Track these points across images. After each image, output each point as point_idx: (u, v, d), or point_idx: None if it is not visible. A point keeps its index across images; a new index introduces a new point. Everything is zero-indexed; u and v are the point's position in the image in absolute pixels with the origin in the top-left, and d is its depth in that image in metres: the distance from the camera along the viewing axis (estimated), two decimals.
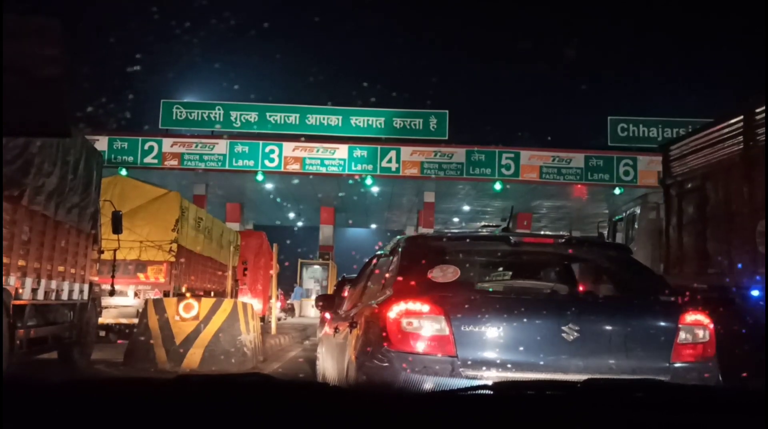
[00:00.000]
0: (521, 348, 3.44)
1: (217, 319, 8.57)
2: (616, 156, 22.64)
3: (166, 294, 11.31)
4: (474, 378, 3.27)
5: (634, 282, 4.25)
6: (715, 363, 3.69)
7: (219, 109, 22.72)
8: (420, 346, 3.44)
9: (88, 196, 7.81)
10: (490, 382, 1.61)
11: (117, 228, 9.11)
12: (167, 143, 21.99)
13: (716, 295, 6.80)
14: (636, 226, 9.85)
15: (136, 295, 11.49)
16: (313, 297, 26.96)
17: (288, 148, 21.98)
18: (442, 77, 59.98)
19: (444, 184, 23.27)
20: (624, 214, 10.58)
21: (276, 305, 15.49)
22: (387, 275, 4.08)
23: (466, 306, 3.54)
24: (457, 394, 1.37)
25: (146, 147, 21.89)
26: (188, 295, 10.71)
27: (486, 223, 32.99)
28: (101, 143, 21.23)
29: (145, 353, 8.31)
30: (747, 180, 6.56)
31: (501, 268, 5.20)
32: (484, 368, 3.38)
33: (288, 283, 28.64)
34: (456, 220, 31.86)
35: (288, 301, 27.49)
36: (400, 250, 4.12)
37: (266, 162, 21.92)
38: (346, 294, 6.15)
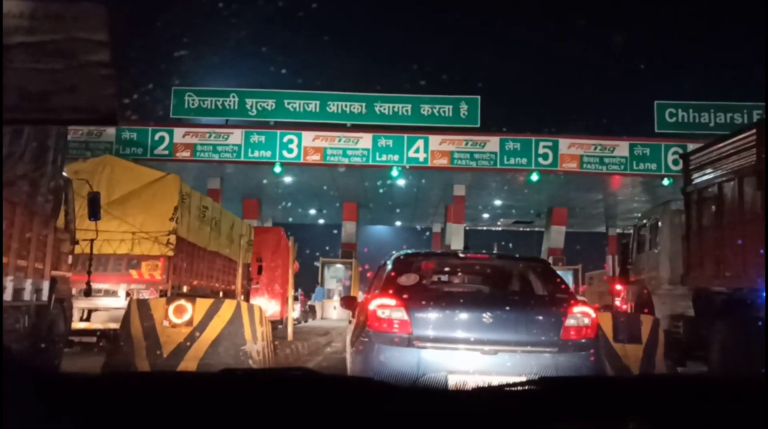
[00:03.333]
0: (455, 328, 4.78)
1: (216, 325, 7.06)
2: (664, 144, 20.99)
3: (163, 294, 9.69)
4: (423, 348, 4.65)
5: (543, 284, 5.59)
6: (595, 341, 4.92)
7: (234, 97, 21.47)
8: (389, 327, 4.78)
9: (42, 166, 6.01)
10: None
11: (94, 212, 7.44)
12: (179, 133, 20.91)
13: (732, 297, 7.72)
14: (659, 232, 10.28)
15: (128, 295, 9.84)
16: (336, 298, 25.61)
17: (308, 137, 20.72)
18: (473, 60, 56.66)
19: (476, 176, 21.73)
20: (646, 221, 11.05)
21: (294, 307, 13.92)
22: (380, 280, 5.51)
23: (420, 301, 4.92)
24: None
25: (156, 137, 20.78)
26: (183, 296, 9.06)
27: (518, 220, 31.42)
28: (108, 133, 19.98)
29: (124, 367, 6.74)
30: (758, 189, 7.20)
31: (452, 274, 6.83)
32: (430, 342, 4.69)
33: (309, 283, 27.23)
34: (485, 216, 30.11)
35: (309, 303, 26.07)
36: (388, 263, 5.61)
37: (284, 152, 20.66)
38: None
